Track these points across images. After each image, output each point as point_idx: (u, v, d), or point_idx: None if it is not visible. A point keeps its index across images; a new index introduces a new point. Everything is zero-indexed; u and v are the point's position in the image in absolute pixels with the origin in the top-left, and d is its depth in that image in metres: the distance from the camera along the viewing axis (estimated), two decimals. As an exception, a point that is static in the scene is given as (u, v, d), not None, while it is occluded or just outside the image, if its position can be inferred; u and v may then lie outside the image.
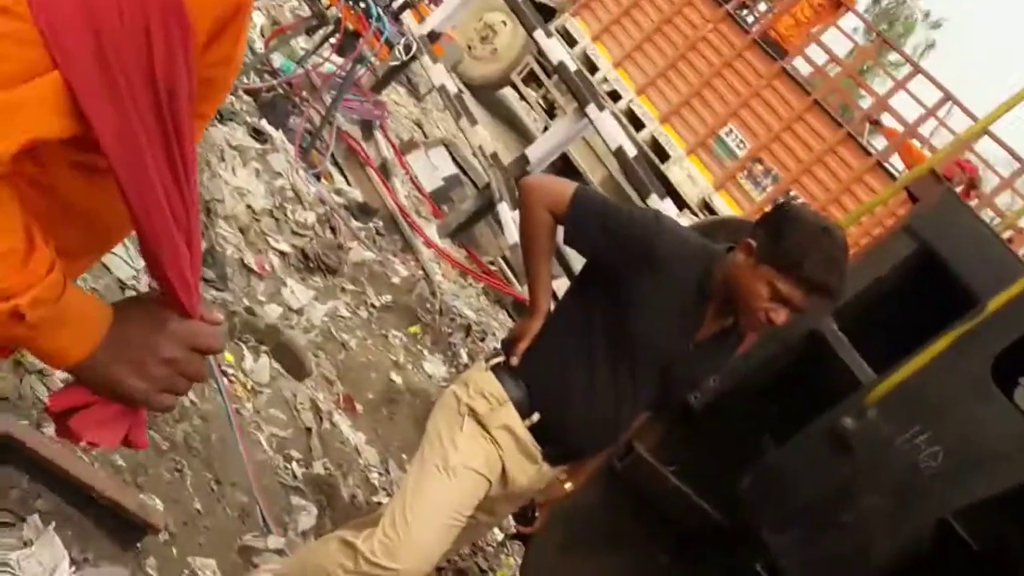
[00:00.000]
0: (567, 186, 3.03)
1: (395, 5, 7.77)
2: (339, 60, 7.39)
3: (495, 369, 3.10)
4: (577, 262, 3.29)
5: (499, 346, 3.24)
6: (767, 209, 4.17)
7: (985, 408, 2.84)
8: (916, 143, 9.30)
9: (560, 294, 3.44)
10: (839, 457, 2.98)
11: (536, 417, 3.04)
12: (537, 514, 3.46)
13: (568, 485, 3.39)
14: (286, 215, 6.00)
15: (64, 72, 1.08)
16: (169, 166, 1.20)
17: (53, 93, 1.08)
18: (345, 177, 7.57)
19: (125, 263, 4.15)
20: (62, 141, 1.14)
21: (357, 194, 7.26)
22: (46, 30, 1.05)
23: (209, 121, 1.57)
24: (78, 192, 1.28)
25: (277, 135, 6.59)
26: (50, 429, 3.07)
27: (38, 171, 1.22)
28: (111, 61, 1.10)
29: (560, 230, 3.06)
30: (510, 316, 7.35)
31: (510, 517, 3.73)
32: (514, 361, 3.08)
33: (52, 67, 1.07)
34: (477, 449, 3.01)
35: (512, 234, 6.95)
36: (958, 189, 8.65)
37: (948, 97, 9.01)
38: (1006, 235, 7.72)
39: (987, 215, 8.05)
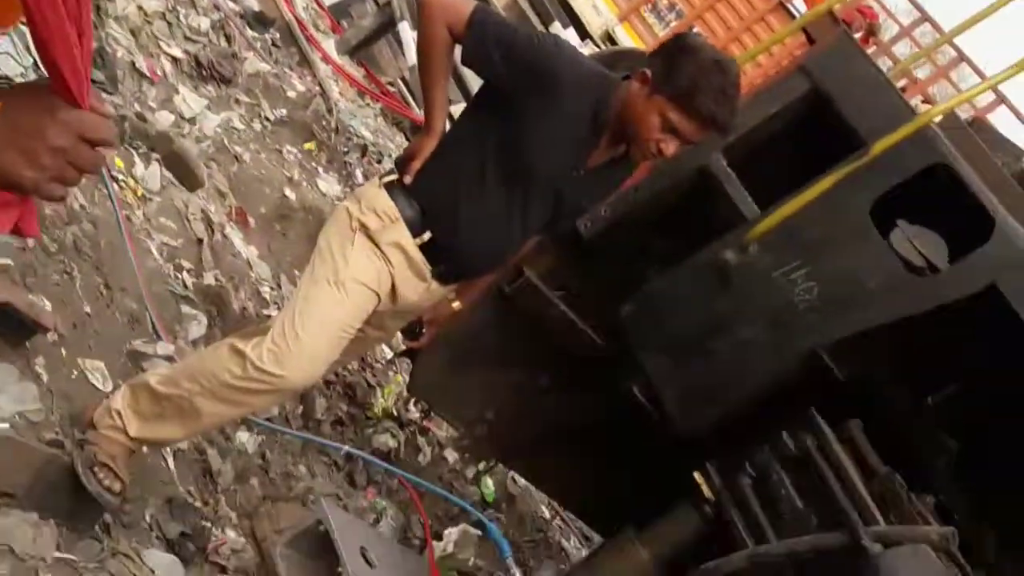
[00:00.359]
0: (467, 4, 3.00)
1: None
2: None
3: (388, 187, 3.12)
4: (476, 85, 3.28)
5: (393, 164, 3.25)
6: (667, 41, 4.16)
7: (862, 247, 2.94)
8: (820, -15, 9.29)
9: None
10: (719, 289, 3.08)
11: (427, 236, 3.09)
12: (424, 330, 3.54)
13: (456, 304, 3.47)
14: (179, 19, 5.81)
15: None
16: None
17: None
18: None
19: (13, 59, 3.99)
20: None
21: (253, 2, 7.03)
22: None
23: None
24: None
25: (167, -70, 6.30)
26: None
27: None
28: None
29: (458, 49, 3.05)
30: (407, 139, 7.28)
31: (399, 335, 3.82)
32: (407, 179, 3.11)
33: None
34: (368, 264, 3.05)
35: (412, 55, 6.84)
36: (857, 35, 8.70)
37: (853, -59, 8.98)
38: (900, 83, 7.83)
39: (885, 64, 8.14)
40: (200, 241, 4.46)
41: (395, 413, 4.80)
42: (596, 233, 3.40)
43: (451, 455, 4.94)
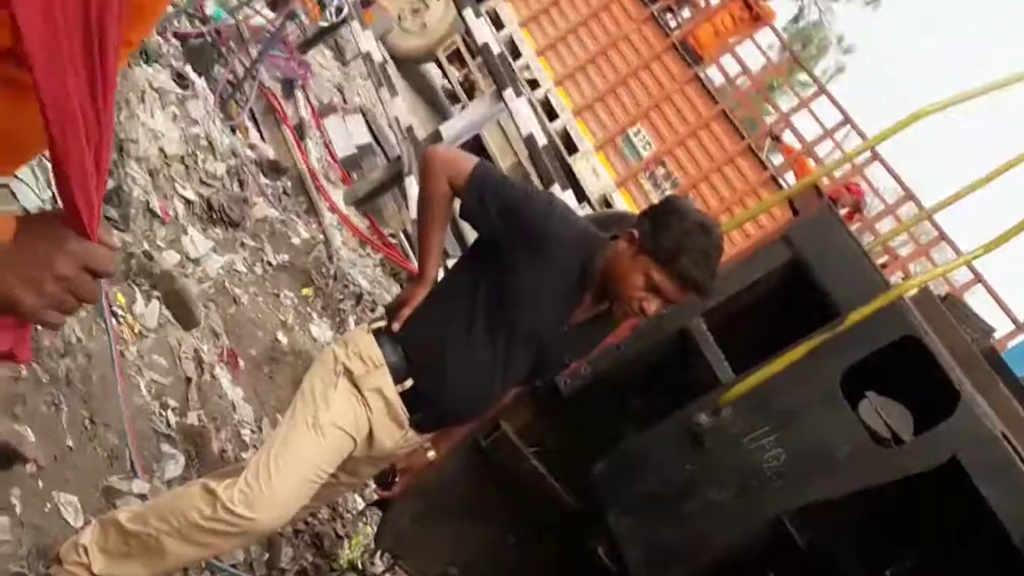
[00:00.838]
0: (469, 159, 3.10)
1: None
2: (271, 15, 7.37)
3: (376, 332, 3.16)
4: (472, 237, 3.38)
5: (383, 310, 3.31)
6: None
7: (831, 417, 2.98)
8: (811, 162, 9.49)
9: (453, 269, 3.51)
10: (691, 451, 3.11)
11: (409, 383, 3.12)
12: (397, 479, 3.54)
13: (431, 454, 3.48)
14: (197, 163, 5.97)
15: None
16: (89, 83, 1.21)
17: None
18: (260, 133, 7.56)
19: (33, 193, 4.10)
20: None
21: (269, 151, 7.25)
22: None
23: (135, 51, 1.59)
24: None
25: (199, 82, 6.55)
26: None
27: None
28: None
29: (458, 202, 3.13)
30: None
31: (371, 484, 3.81)
32: (395, 326, 3.15)
33: None
34: (347, 409, 3.08)
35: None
36: (843, 211, 8.85)
37: (846, 120, 9.18)
38: (882, 260, 7.91)
39: (868, 240, 8.25)
40: (189, 380, 4.50)
41: (360, 566, 4.75)
42: (575, 389, 3.43)
43: (411, 609, 4.84)
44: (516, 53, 10.14)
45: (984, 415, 2.81)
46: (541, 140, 7.09)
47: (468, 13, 8.07)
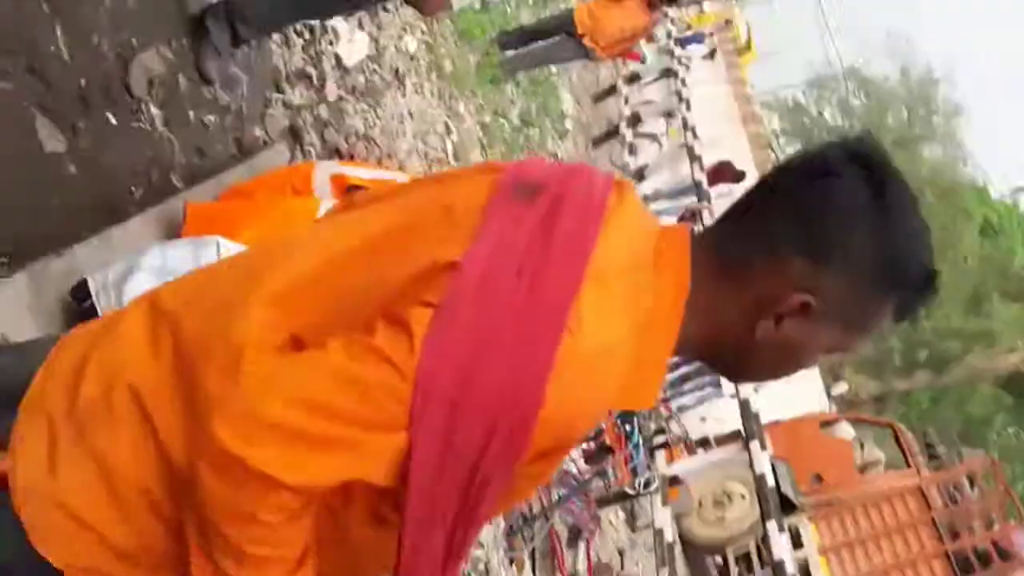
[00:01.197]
0: None
1: (656, 440, 7.96)
2: (584, 467, 7.57)
3: None
4: None
5: None
6: None
7: None
8: None
9: None
10: None
11: None
12: None
13: None
14: (464, 583, 6.00)
15: (412, 438, 1.18)
16: (447, 541, 1.26)
17: (394, 449, 1.18)
18: (534, 572, 7.55)
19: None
20: (371, 486, 1.23)
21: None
22: (418, 399, 1.16)
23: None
24: (362, 534, 1.36)
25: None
26: None
27: (341, 505, 1.32)
28: (453, 442, 1.18)
29: None
30: None
31: None
32: None
33: (404, 427, 1.17)
34: None
35: None
36: None
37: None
38: None
39: None
40: None
41: None
42: None
43: None
44: (807, 576, 9.86)
45: None
46: None
47: (772, 524, 7.95)
